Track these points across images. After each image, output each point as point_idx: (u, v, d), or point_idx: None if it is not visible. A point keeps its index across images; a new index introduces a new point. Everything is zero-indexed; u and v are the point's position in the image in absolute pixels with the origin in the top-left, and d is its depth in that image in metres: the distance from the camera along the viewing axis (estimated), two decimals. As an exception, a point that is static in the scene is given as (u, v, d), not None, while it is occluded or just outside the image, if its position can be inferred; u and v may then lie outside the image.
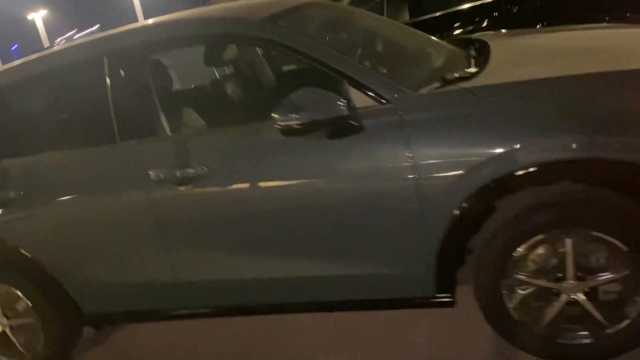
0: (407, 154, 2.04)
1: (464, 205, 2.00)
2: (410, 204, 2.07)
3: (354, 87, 2.14)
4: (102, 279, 2.65)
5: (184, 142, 2.40)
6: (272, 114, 2.02)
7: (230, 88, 2.73)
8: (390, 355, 2.46)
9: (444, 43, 2.98)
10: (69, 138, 2.63)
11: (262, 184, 2.26)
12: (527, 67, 2.28)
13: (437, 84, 2.19)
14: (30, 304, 2.84)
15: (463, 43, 2.95)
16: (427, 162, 2.03)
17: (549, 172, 1.94)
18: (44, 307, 2.81)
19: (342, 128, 2.10)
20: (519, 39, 3.02)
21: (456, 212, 2.02)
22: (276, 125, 2.04)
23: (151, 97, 2.44)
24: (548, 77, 2.04)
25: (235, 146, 2.31)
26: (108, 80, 2.46)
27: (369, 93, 2.13)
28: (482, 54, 2.54)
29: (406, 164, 2.05)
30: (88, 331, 3.00)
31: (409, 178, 2.05)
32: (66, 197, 2.59)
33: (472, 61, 2.51)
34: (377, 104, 2.12)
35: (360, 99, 2.13)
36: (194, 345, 2.91)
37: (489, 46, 2.61)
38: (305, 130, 2.02)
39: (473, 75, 2.23)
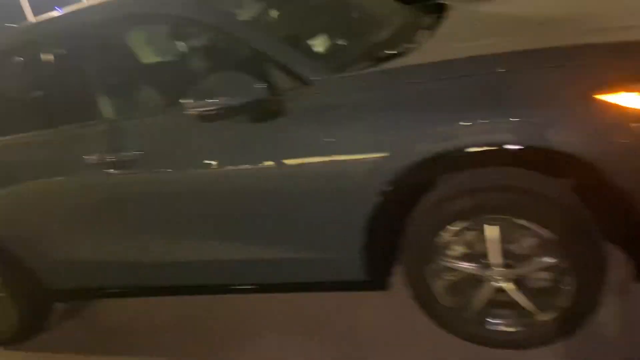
0: (328, 138, 1.98)
1: (386, 190, 1.94)
2: (331, 188, 2.02)
3: (276, 68, 2.07)
4: (53, 257, 2.73)
5: (116, 126, 2.39)
6: (182, 100, 1.98)
7: (162, 70, 2.68)
8: (341, 334, 2.47)
9: (402, 9, 2.84)
10: (15, 122, 2.67)
11: (188, 168, 2.25)
12: (466, 42, 2.15)
13: (367, 63, 2.09)
14: (1, 279, 2.97)
15: (427, 8, 2.81)
16: (346, 146, 1.97)
17: (468, 158, 1.85)
18: (12, 282, 2.93)
19: (263, 112, 2.05)
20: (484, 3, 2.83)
21: (378, 197, 1.96)
22: (188, 112, 2.00)
23: (87, 81, 2.44)
24: (474, 55, 1.91)
25: (165, 130, 2.29)
26: (45, 64, 2.47)
27: (291, 75, 2.05)
28: (434, 24, 2.43)
29: (327, 148, 1.99)
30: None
31: (330, 162, 1.99)
32: (18, 179, 2.65)
33: (418, 34, 2.38)
34: (300, 86, 2.04)
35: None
36: (153, 318, 3.00)
37: (445, 14, 2.48)
38: (218, 116, 1.98)
39: (405, 52, 2.12)
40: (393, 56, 2.09)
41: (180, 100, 1.99)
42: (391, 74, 1.98)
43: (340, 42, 2.48)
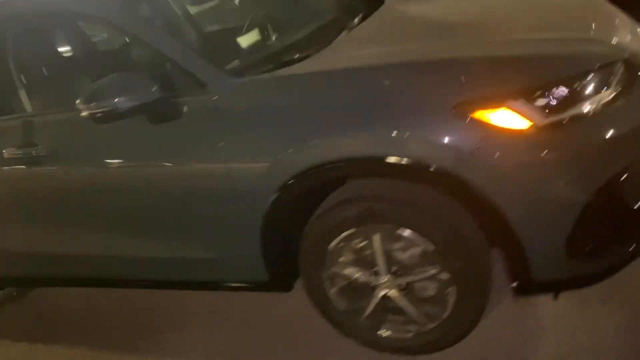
0: (220, 142, 1.99)
1: (274, 196, 1.95)
2: (225, 191, 2.03)
3: (176, 71, 2.08)
4: None
5: (29, 122, 2.41)
6: (76, 102, 1.99)
7: (74, 66, 2.69)
8: (254, 330, 2.51)
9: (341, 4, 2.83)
10: None
11: (90, 166, 2.28)
12: (367, 48, 2.13)
13: (270, 67, 2.09)
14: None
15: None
16: (236, 152, 1.98)
17: (348, 169, 1.86)
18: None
19: (159, 114, 2.05)
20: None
21: (268, 202, 1.97)
22: (81, 114, 2.01)
23: (10, 74, 2.46)
24: (362, 65, 1.92)
25: (70, 127, 2.31)
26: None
27: (191, 78, 2.05)
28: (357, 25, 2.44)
29: (219, 152, 2.00)
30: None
31: (222, 166, 2.00)
32: None
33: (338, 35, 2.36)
34: (198, 89, 2.04)
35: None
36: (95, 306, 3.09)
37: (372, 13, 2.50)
38: (109, 118, 1.98)
39: (308, 56, 2.12)
40: (295, 61, 2.08)
41: (76, 102, 2.00)
42: (281, 81, 1.98)
43: (252, 42, 2.46)
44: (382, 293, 2.04)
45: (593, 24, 2.06)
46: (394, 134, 1.74)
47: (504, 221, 1.73)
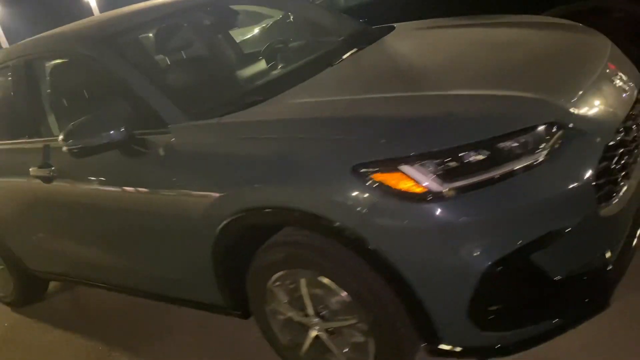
0: (173, 177, 2.18)
1: (220, 228, 2.08)
2: (178, 219, 2.21)
3: (146, 108, 2.29)
4: (18, 243, 3.32)
5: (47, 145, 2.77)
6: (59, 137, 2.28)
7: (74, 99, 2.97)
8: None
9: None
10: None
11: (78, 185, 2.63)
12: (314, 96, 2.21)
13: (222, 111, 2.21)
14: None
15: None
16: (185, 187, 2.15)
17: (265, 215, 1.95)
18: (5, 259, 3.56)
19: (127, 148, 2.29)
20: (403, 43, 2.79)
21: (216, 233, 2.10)
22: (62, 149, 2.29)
23: (39, 101, 2.86)
24: (290, 117, 2.04)
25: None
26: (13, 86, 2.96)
27: (156, 116, 2.26)
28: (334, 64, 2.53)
29: (173, 185, 2.18)
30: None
31: (175, 198, 2.18)
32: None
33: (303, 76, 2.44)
34: (161, 127, 2.24)
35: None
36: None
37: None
38: (82, 153, 2.24)
39: (259, 102, 2.23)
40: (245, 106, 2.21)
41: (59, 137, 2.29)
42: (222, 127, 2.10)
43: (221, 84, 2.64)
44: (313, 334, 2.11)
45: (554, 77, 1.96)
46: (305, 188, 1.81)
47: (405, 283, 1.72)
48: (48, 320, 3.57)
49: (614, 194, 1.83)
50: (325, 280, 1.93)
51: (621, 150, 1.86)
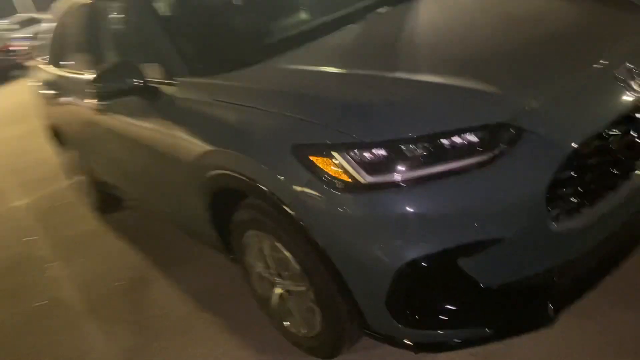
0: (174, 126, 2.34)
1: (207, 179, 2.21)
2: (178, 163, 2.34)
3: (163, 59, 2.44)
4: (91, 159, 3.85)
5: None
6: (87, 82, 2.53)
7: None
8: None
9: None
10: None
11: (118, 119, 2.89)
12: (296, 64, 2.21)
13: (219, 70, 2.29)
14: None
15: None
16: (182, 137, 2.29)
17: (235, 181, 2.04)
18: (87, 172, 4.09)
19: (144, 94, 2.48)
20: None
21: (205, 178, 2.22)
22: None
23: (99, 39, 3.16)
24: (262, 88, 2.09)
25: None
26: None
27: (169, 68, 2.41)
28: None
29: (173, 133, 2.34)
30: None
31: (176, 144, 2.33)
32: None
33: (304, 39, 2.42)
34: (170, 79, 2.39)
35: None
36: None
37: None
38: (104, 97, 2.48)
39: (254, 64, 2.27)
40: (237, 67, 2.27)
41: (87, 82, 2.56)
42: (210, 87, 2.20)
43: (231, 42, 2.67)
44: (278, 291, 2.23)
45: (534, 68, 1.78)
46: (253, 160, 1.89)
47: (332, 264, 1.76)
48: (117, 232, 4.08)
49: (581, 208, 1.66)
50: (280, 247, 2.01)
51: (596, 161, 1.66)
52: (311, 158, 1.70)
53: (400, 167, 1.59)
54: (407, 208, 1.58)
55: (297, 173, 1.73)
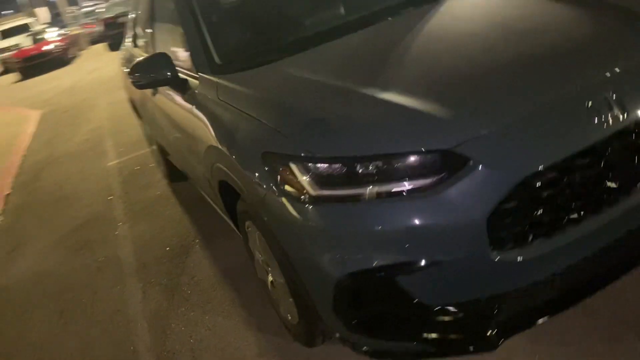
0: (194, 121, 2.55)
1: (214, 170, 2.41)
2: (198, 149, 2.55)
3: (191, 54, 2.66)
4: (153, 130, 4.22)
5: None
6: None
7: None
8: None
9: None
10: None
11: (163, 100, 3.16)
12: (301, 70, 2.30)
13: (229, 70, 2.46)
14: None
15: None
16: (199, 130, 2.49)
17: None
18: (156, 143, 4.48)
19: (175, 85, 2.74)
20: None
21: (211, 171, 2.46)
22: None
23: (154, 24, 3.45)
24: (254, 93, 2.24)
25: None
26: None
27: (195, 64, 2.62)
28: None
29: (193, 125, 2.57)
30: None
31: (195, 137, 2.57)
32: None
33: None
34: (194, 74, 2.61)
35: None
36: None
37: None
38: (140, 86, 2.74)
39: (265, 63, 2.43)
40: (245, 68, 2.43)
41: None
42: (217, 87, 2.37)
43: (251, 43, 2.81)
44: (270, 278, 2.40)
45: (498, 90, 1.76)
46: (234, 160, 2.06)
47: (292, 265, 1.89)
48: (180, 199, 4.48)
49: (534, 238, 1.64)
50: (264, 241, 2.17)
51: (551, 193, 1.61)
52: (275, 166, 1.82)
53: (346, 184, 1.67)
54: (349, 223, 1.66)
55: (265, 179, 1.86)
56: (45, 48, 18.53)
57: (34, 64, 17.95)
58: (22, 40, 20.25)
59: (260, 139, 1.94)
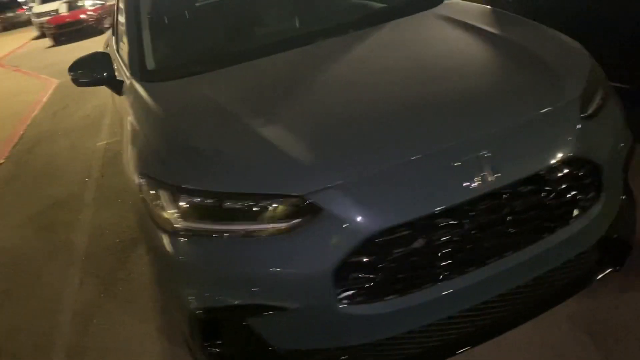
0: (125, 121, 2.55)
1: None
2: None
3: (128, 57, 2.67)
4: None
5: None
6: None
7: None
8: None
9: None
10: None
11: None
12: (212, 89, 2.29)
13: (163, 77, 2.48)
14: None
15: None
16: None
17: None
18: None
19: (112, 86, 2.75)
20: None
21: None
22: None
23: None
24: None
25: None
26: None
27: (128, 67, 2.63)
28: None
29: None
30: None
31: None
32: None
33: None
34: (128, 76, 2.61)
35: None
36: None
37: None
38: (78, 84, 2.74)
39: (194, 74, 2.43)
40: (179, 76, 2.43)
41: None
42: (134, 95, 2.39)
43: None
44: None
45: (363, 139, 1.73)
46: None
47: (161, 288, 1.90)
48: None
49: (384, 295, 1.60)
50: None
51: (404, 251, 1.57)
52: (147, 190, 1.82)
53: (207, 219, 1.66)
54: (203, 259, 1.66)
55: (141, 200, 1.86)
56: (80, 16, 18.86)
57: (67, 31, 18.29)
58: (60, 7, 20.64)
59: (142, 158, 1.94)
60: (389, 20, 2.62)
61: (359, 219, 1.54)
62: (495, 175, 1.61)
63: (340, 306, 1.58)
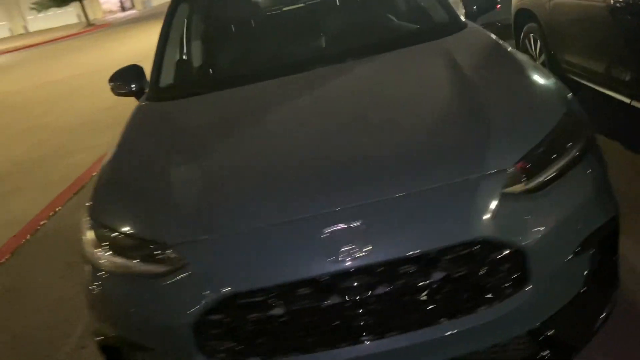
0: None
1: None
2: None
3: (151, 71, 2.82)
4: None
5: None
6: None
7: None
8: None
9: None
10: None
11: None
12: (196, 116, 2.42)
13: (168, 96, 2.63)
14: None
15: None
16: None
17: None
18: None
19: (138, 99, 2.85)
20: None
21: None
22: None
23: None
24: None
25: None
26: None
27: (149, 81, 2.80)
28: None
29: None
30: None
31: None
32: None
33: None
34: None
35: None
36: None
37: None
38: (118, 94, 2.89)
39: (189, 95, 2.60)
40: (181, 97, 2.58)
41: None
42: (136, 112, 2.59)
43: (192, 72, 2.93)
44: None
45: (243, 194, 1.73)
46: None
47: None
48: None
49: (245, 357, 1.55)
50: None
51: (261, 315, 1.52)
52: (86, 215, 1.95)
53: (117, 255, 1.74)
54: (100, 291, 1.75)
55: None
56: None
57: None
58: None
59: (101, 181, 2.07)
60: (398, 48, 2.51)
61: (215, 278, 1.53)
62: (365, 250, 1.47)
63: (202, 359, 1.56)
